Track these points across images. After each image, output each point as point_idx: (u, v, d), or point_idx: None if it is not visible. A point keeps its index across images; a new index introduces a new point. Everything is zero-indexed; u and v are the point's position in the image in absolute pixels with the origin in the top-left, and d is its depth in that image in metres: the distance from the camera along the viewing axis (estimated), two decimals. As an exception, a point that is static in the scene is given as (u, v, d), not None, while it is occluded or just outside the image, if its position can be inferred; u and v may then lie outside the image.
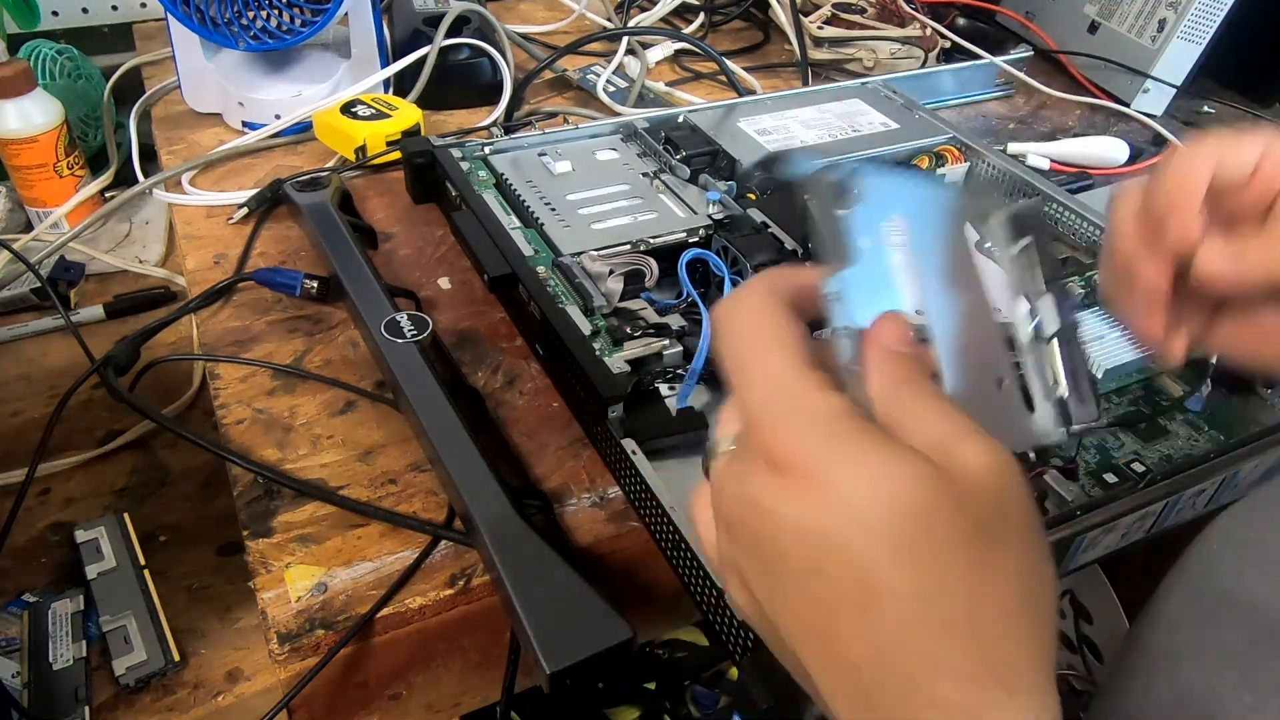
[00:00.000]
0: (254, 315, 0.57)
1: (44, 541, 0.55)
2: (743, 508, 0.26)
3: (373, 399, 0.51)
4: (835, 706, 0.25)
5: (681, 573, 0.40)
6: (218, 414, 0.50)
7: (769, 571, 0.26)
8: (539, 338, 0.52)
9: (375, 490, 0.46)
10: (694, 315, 0.52)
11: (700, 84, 0.92)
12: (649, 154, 0.66)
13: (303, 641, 0.39)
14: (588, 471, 0.47)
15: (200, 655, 0.48)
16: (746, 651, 0.36)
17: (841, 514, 0.23)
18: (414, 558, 0.43)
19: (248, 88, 0.78)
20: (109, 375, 0.53)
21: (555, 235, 0.56)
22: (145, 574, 0.52)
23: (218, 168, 0.74)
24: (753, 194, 0.62)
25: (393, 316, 0.51)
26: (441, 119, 0.82)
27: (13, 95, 0.73)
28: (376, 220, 0.66)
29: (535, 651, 0.36)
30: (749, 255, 0.52)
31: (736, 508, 0.26)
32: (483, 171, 0.63)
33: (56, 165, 0.76)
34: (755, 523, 0.25)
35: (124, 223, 0.81)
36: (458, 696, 0.47)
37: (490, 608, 0.43)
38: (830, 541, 0.23)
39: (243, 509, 0.45)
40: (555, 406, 0.51)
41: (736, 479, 0.26)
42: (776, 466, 0.25)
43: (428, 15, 0.84)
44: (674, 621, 0.51)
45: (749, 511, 0.26)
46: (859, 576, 0.23)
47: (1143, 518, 0.43)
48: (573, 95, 0.88)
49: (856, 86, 0.77)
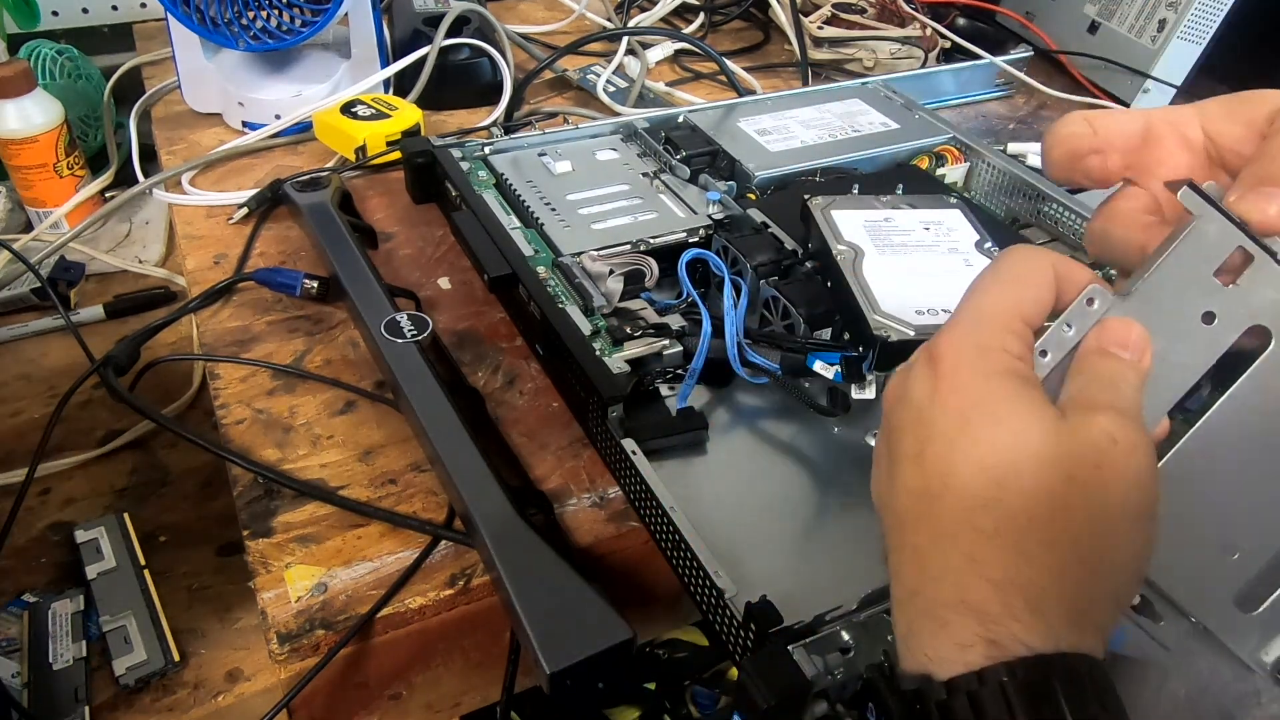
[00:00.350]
0: (254, 315, 0.57)
1: (44, 541, 0.55)
2: (896, 389, 0.29)
3: (373, 399, 0.51)
4: (894, 594, 0.28)
5: (681, 573, 0.40)
6: (218, 414, 0.50)
7: (892, 452, 0.29)
8: (539, 338, 0.52)
9: (375, 490, 0.46)
10: (694, 315, 0.52)
11: (700, 84, 0.92)
12: (649, 154, 0.66)
13: (303, 641, 0.39)
14: (588, 471, 0.47)
15: (200, 655, 0.48)
16: (746, 651, 0.36)
17: (955, 421, 0.27)
18: (414, 558, 0.43)
19: (248, 88, 0.78)
20: (109, 375, 0.53)
21: (555, 235, 0.56)
22: (145, 574, 0.52)
23: (218, 168, 0.74)
24: (753, 194, 0.62)
25: (393, 316, 0.51)
26: (441, 119, 0.82)
27: (13, 95, 0.73)
28: (376, 220, 0.66)
29: (535, 651, 0.36)
30: (749, 255, 0.52)
31: (894, 390, 0.30)
32: (483, 171, 0.63)
33: (56, 165, 0.76)
34: (897, 402, 0.29)
35: (124, 223, 0.81)
36: (458, 696, 0.47)
37: (490, 608, 0.43)
38: (934, 435, 0.27)
39: (243, 509, 0.45)
40: (555, 406, 0.51)
41: (904, 368, 0.30)
42: (933, 360, 0.28)
43: (428, 15, 0.84)
44: (674, 621, 0.51)
45: (898, 392, 0.29)
46: (944, 471, 0.26)
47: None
48: (573, 95, 0.88)
49: (856, 86, 0.77)
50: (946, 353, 0.28)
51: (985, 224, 0.52)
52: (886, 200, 0.54)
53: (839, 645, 0.35)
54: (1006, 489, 0.25)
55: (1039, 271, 0.29)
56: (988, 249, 0.50)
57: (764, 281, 0.51)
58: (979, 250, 0.50)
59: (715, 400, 0.50)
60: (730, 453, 0.47)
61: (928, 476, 0.27)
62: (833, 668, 0.34)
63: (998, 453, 0.26)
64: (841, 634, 0.35)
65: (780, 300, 0.50)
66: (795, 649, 0.34)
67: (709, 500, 0.43)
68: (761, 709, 0.32)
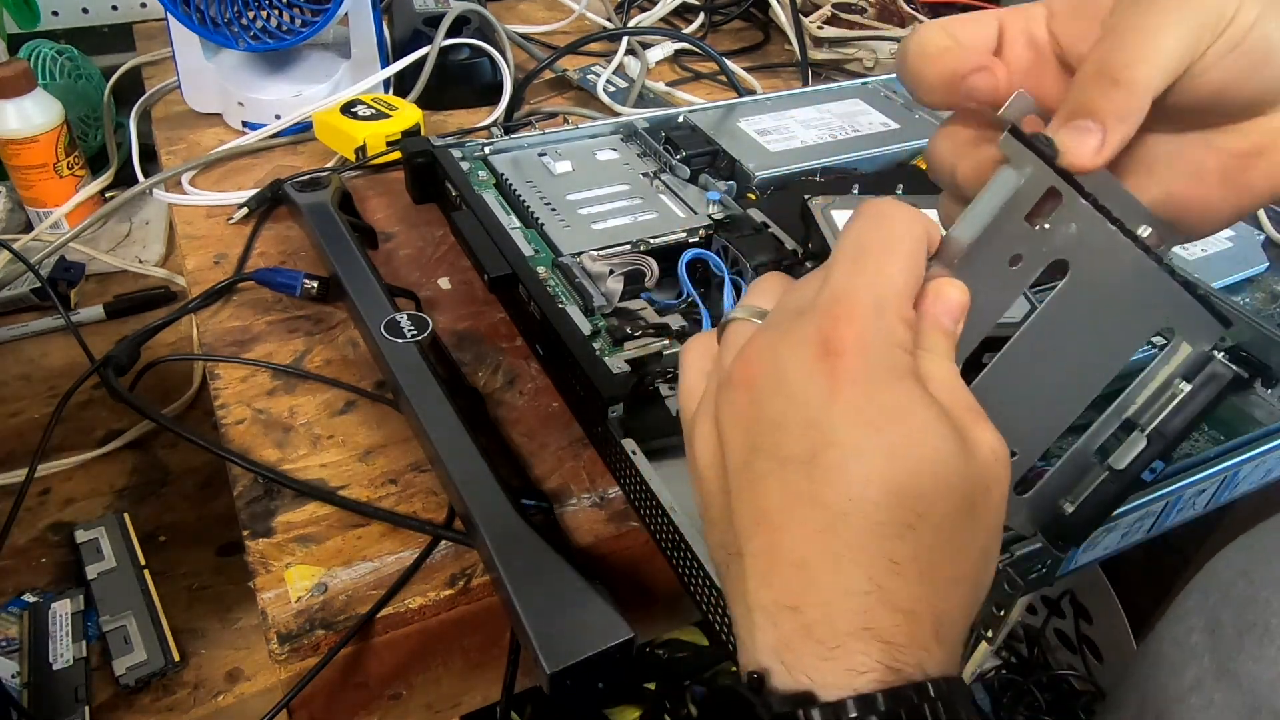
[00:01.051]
0: (254, 315, 0.57)
1: (44, 541, 0.55)
2: (765, 371, 0.26)
3: (373, 399, 0.51)
4: (753, 598, 0.25)
5: (681, 573, 0.40)
6: (218, 414, 0.50)
7: (756, 444, 0.25)
8: (539, 338, 0.52)
9: (375, 490, 0.46)
10: (694, 315, 0.52)
11: (700, 84, 0.92)
12: (649, 154, 0.66)
13: (303, 641, 0.39)
14: (588, 471, 0.47)
15: (200, 655, 0.48)
16: (746, 651, 0.36)
17: (862, 430, 0.24)
18: (414, 558, 0.43)
19: (248, 88, 0.78)
20: (109, 375, 0.53)
21: (555, 235, 0.56)
22: (145, 574, 0.52)
23: (218, 168, 0.74)
24: (753, 194, 0.62)
25: (393, 316, 0.51)
26: (441, 119, 0.82)
27: (13, 95, 0.73)
28: (376, 220, 0.66)
29: (535, 651, 0.36)
30: (749, 255, 0.52)
31: (758, 369, 0.26)
32: (483, 171, 0.63)
33: (56, 165, 0.76)
34: (771, 391, 0.25)
35: (124, 223, 0.81)
36: (458, 696, 0.47)
37: (490, 608, 0.43)
38: (834, 442, 0.24)
39: (243, 509, 0.45)
40: (555, 406, 0.51)
41: (770, 345, 0.26)
42: (830, 353, 0.25)
43: (428, 15, 0.84)
44: (674, 621, 0.51)
45: (770, 378, 0.25)
46: (848, 485, 0.24)
47: (1143, 518, 0.43)
48: (573, 95, 0.88)
49: (856, 86, 0.77)
50: (850, 348, 0.25)
51: None
52: (886, 200, 0.54)
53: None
54: (923, 519, 0.24)
55: (921, 239, 0.27)
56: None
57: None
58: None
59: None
60: (730, 453, 0.47)
61: (825, 488, 0.24)
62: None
63: (914, 477, 0.24)
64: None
65: (780, 300, 0.50)
66: (795, 649, 0.34)
67: (709, 500, 0.43)
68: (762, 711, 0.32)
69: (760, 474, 0.25)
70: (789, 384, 0.25)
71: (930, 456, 0.24)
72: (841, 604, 0.23)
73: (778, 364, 0.25)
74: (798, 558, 0.24)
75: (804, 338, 0.25)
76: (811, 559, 0.24)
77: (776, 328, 0.26)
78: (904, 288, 0.26)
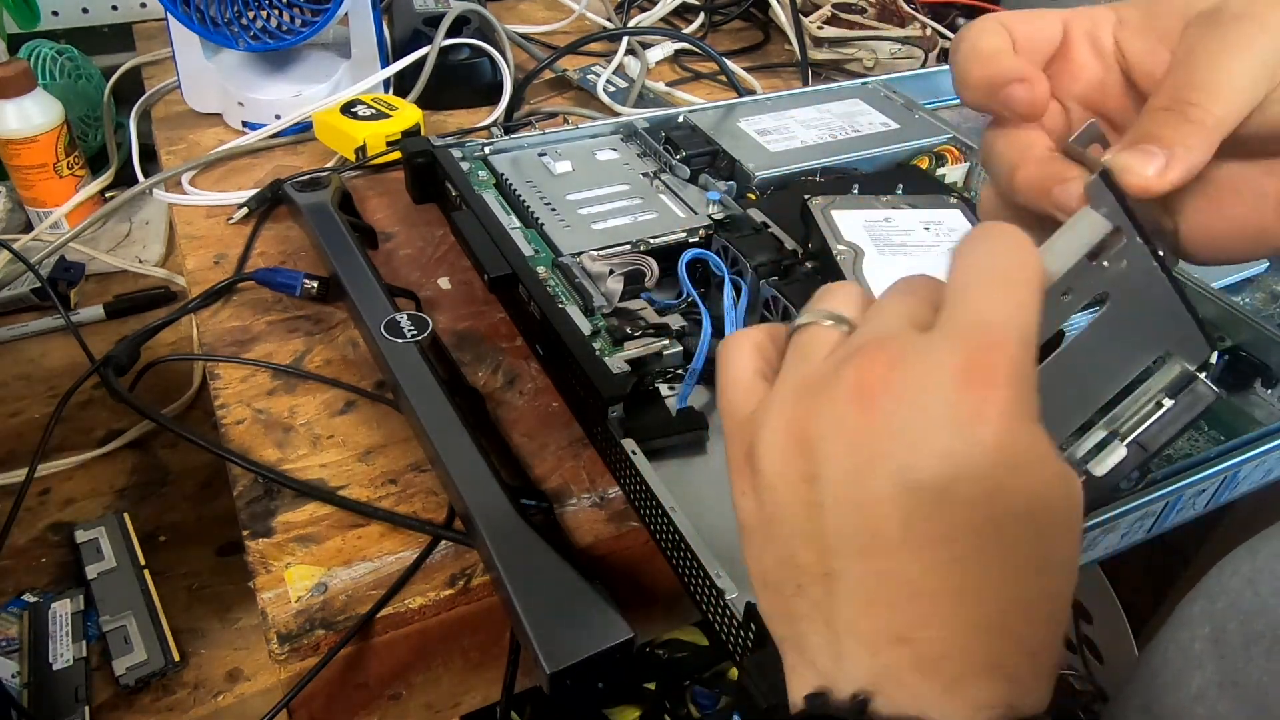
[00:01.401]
0: (254, 315, 0.57)
1: (44, 541, 0.55)
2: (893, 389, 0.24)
3: (373, 399, 0.51)
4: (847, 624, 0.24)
5: (681, 573, 0.40)
6: (218, 414, 0.50)
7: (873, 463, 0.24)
8: (539, 338, 0.52)
9: (375, 490, 0.46)
10: (694, 315, 0.52)
11: (700, 84, 0.92)
12: (649, 154, 0.66)
13: (303, 641, 0.39)
14: (588, 471, 0.47)
15: (200, 655, 0.48)
16: (746, 651, 0.36)
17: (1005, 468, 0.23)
18: (414, 558, 0.43)
19: (248, 88, 0.78)
20: (109, 375, 0.53)
21: (555, 235, 0.56)
22: (145, 574, 0.52)
23: (218, 168, 0.74)
24: (753, 194, 0.62)
25: (393, 316, 0.51)
26: (441, 119, 0.82)
27: (13, 95, 0.73)
28: (376, 220, 0.66)
29: (535, 651, 0.36)
30: (749, 255, 0.52)
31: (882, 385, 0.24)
32: (483, 171, 0.63)
33: (56, 165, 0.76)
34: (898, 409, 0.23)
35: (124, 223, 0.81)
36: (458, 696, 0.47)
37: (490, 608, 0.43)
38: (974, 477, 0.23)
39: (243, 509, 0.45)
40: (555, 406, 0.51)
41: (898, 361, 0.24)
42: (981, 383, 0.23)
43: (428, 15, 0.84)
44: (674, 621, 0.51)
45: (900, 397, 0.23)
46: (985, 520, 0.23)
47: (1143, 518, 0.43)
48: (573, 95, 0.88)
49: (856, 86, 0.77)
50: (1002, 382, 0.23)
51: None
52: (886, 200, 0.54)
53: (839, 645, 0.35)
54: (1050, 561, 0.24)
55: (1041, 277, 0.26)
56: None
57: (764, 281, 0.51)
58: (979, 250, 0.50)
59: (715, 400, 0.50)
60: (730, 453, 0.47)
61: (959, 521, 0.23)
62: (833, 668, 0.34)
63: (1050, 521, 0.23)
64: (841, 634, 0.35)
65: (780, 300, 0.50)
66: (795, 649, 0.34)
67: (709, 500, 0.43)
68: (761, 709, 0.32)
69: (877, 496, 0.23)
70: (926, 407, 0.23)
71: (1060, 504, 0.23)
72: (966, 639, 0.23)
73: (910, 383, 0.23)
74: (917, 589, 0.23)
75: (944, 361, 0.23)
76: (935, 592, 0.23)
77: (901, 343, 0.24)
78: (1040, 324, 0.25)
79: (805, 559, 0.25)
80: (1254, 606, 0.25)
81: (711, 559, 0.38)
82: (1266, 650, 0.24)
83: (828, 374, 0.25)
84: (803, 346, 0.27)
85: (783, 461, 0.25)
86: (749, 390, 0.28)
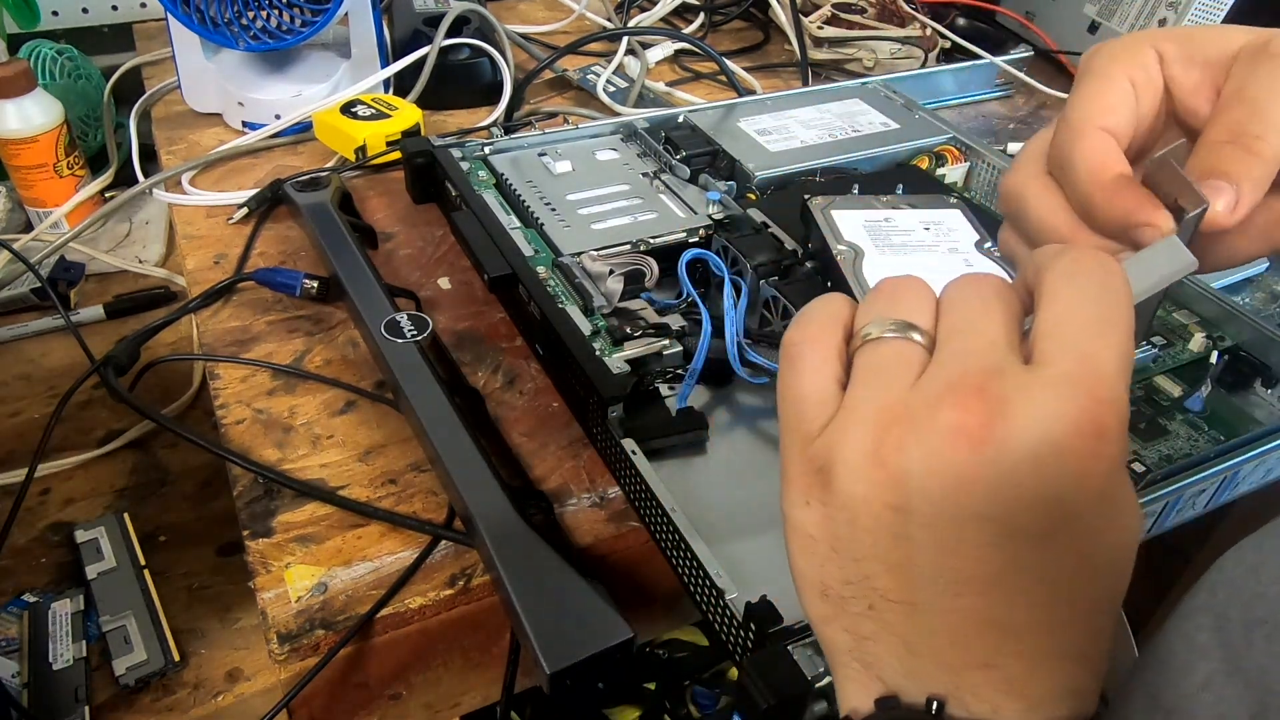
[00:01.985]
0: (254, 315, 0.57)
1: (44, 541, 0.55)
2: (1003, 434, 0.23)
3: (373, 399, 0.51)
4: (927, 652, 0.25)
5: (681, 573, 0.40)
6: (218, 414, 0.50)
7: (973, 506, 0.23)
8: (539, 338, 0.52)
9: (375, 490, 0.46)
10: (694, 315, 0.52)
11: (700, 84, 0.92)
12: (649, 154, 0.66)
13: (303, 641, 0.39)
14: (588, 471, 0.47)
15: (200, 655, 0.48)
16: (746, 651, 0.36)
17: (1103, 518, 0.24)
18: (414, 558, 0.43)
19: (248, 88, 0.78)
20: (109, 375, 0.53)
21: (555, 235, 0.56)
22: (145, 574, 0.52)
23: (218, 168, 0.74)
24: (753, 194, 0.62)
25: (393, 316, 0.51)
26: (441, 119, 0.82)
27: (13, 95, 0.73)
28: (376, 220, 0.66)
29: (535, 651, 0.36)
30: (749, 255, 0.52)
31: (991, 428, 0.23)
32: (483, 171, 0.63)
33: (56, 165, 0.76)
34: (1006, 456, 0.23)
35: (124, 223, 0.81)
36: (458, 696, 0.47)
37: (490, 608, 0.43)
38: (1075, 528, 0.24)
39: (243, 509, 0.45)
40: (555, 406, 0.51)
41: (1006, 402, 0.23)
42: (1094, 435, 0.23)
43: (428, 15, 0.84)
44: (674, 621, 0.51)
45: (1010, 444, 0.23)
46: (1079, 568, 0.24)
47: (1142, 517, 0.43)
48: (573, 95, 0.88)
49: (856, 86, 0.77)
50: (1114, 435, 0.23)
51: (985, 224, 0.52)
52: (886, 200, 0.54)
53: (839, 645, 0.35)
54: (1119, 596, 0.25)
55: None
56: (988, 249, 0.50)
57: (764, 281, 0.51)
58: (979, 250, 0.50)
59: (715, 400, 0.50)
60: (730, 453, 0.47)
61: (1057, 567, 0.24)
62: (833, 668, 0.34)
63: (1127, 563, 0.25)
64: (841, 634, 0.35)
65: (780, 300, 0.50)
66: (795, 649, 0.34)
67: (709, 500, 0.43)
68: (761, 709, 0.32)
69: (977, 540, 0.23)
70: (1037, 456, 0.23)
71: (1132, 543, 0.25)
72: (1050, 667, 0.24)
73: (1017, 431, 0.23)
74: (1006, 625, 0.24)
75: (1057, 411, 0.23)
76: (1025, 627, 0.24)
77: (1004, 384, 0.24)
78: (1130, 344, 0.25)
79: (884, 584, 0.25)
80: (1255, 593, 0.25)
81: (711, 559, 0.38)
82: (1267, 635, 0.24)
83: (921, 407, 0.24)
84: (881, 365, 0.26)
85: (867, 487, 0.25)
86: (822, 404, 0.27)
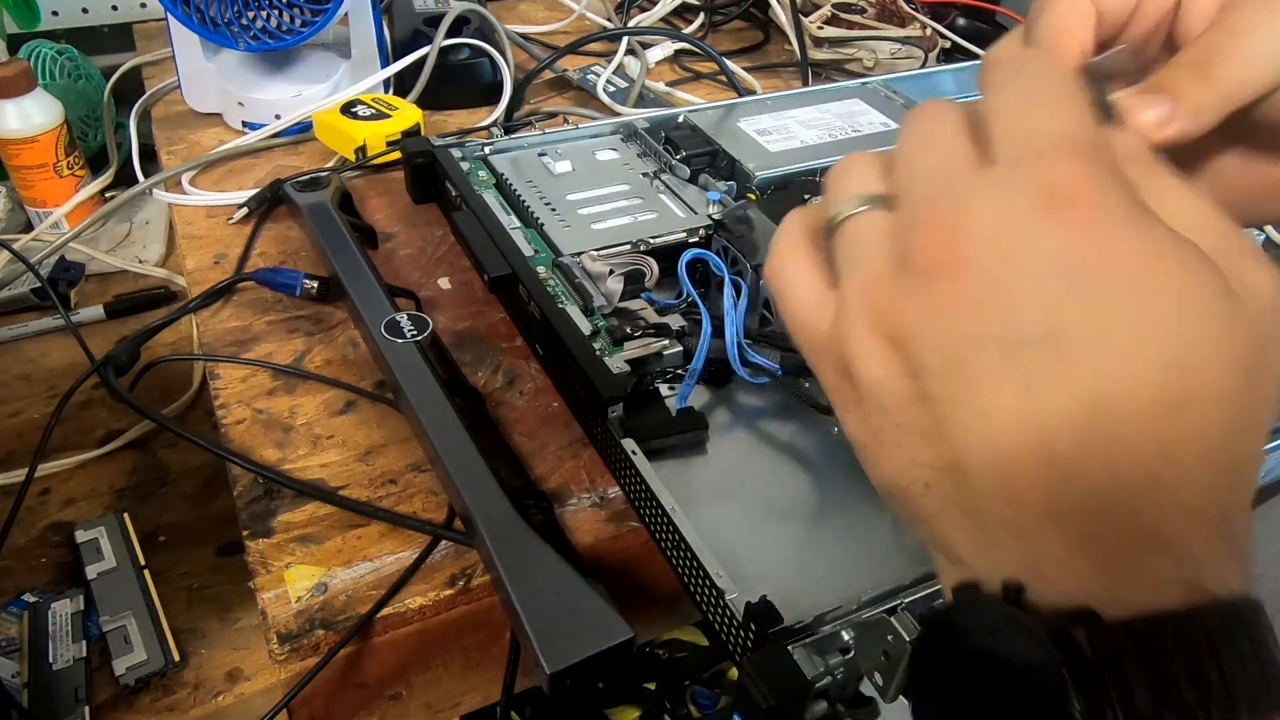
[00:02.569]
0: (254, 315, 0.57)
1: (44, 541, 0.55)
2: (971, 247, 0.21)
3: (373, 399, 0.51)
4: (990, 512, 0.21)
5: (681, 573, 0.40)
6: (218, 414, 0.50)
7: (971, 336, 0.21)
8: (539, 338, 0.52)
9: (375, 490, 0.46)
10: (694, 315, 0.52)
11: (700, 84, 0.92)
12: (649, 154, 0.66)
13: (303, 641, 0.39)
14: (588, 471, 0.47)
15: (200, 655, 0.48)
16: (746, 651, 0.36)
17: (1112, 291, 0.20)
18: (414, 558, 0.43)
19: (248, 88, 0.78)
20: (109, 375, 0.53)
21: (555, 235, 0.56)
22: (145, 574, 0.52)
23: (218, 168, 0.74)
24: (753, 194, 0.62)
25: (393, 316, 0.51)
26: (441, 119, 0.82)
27: (13, 95, 0.73)
28: (376, 220, 0.66)
29: (535, 651, 0.36)
30: (749, 255, 0.52)
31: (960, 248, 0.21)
32: (483, 171, 0.63)
33: (56, 165, 0.76)
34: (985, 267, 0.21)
35: (124, 223, 0.81)
36: (458, 696, 0.47)
37: (490, 608, 0.43)
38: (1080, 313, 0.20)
39: (243, 509, 0.45)
40: (555, 406, 0.51)
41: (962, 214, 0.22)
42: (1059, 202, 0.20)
43: (428, 15, 0.84)
44: (674, 621, 0.51)
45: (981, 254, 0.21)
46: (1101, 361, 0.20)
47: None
48: (573, 95, 0.88)
49: (856, 86, 0.77)
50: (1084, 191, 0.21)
51: None
52: (886, 200, 0.54)
53: (839, 645, 0.35)
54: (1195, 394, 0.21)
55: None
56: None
57: (764, 281, 0.51)
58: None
59: (715, 400, 0.50)
60: (730, 453, 0.47)
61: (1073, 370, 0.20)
62: (833, 668, 0.34)
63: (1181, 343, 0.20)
64: (842, 634, 0.35)
65: (780, 300, 0.50)
66: (795, 649, 0.34)
67: (709, 500, 0.43)
68: (761, 709, 0.32)
69: (979, 371, 0.21)
70: (1010, 252, 0.20)
71: (1196, 316, 0.20)
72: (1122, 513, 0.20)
73: (987, 234, 0.21)
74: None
75: (1012, 194, 0.21)
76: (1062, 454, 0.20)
77: (959, 195, 0.22)
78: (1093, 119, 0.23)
79: (926, 455, 0.23)
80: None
81: (711, 559, 0.38)
82: None
83: (896, 260, 0.23)
84: (854, 242, 0.25)
85: (879, 364, 0.23)
86: (821, 305, 0.26)
